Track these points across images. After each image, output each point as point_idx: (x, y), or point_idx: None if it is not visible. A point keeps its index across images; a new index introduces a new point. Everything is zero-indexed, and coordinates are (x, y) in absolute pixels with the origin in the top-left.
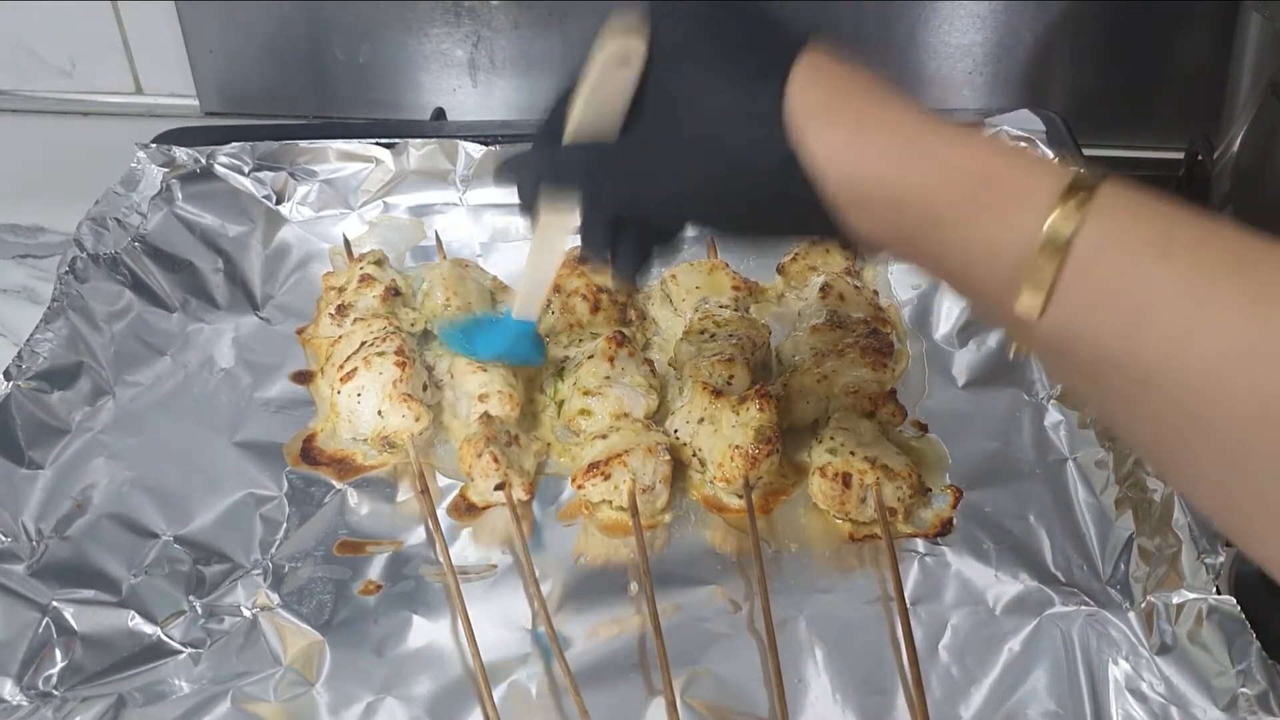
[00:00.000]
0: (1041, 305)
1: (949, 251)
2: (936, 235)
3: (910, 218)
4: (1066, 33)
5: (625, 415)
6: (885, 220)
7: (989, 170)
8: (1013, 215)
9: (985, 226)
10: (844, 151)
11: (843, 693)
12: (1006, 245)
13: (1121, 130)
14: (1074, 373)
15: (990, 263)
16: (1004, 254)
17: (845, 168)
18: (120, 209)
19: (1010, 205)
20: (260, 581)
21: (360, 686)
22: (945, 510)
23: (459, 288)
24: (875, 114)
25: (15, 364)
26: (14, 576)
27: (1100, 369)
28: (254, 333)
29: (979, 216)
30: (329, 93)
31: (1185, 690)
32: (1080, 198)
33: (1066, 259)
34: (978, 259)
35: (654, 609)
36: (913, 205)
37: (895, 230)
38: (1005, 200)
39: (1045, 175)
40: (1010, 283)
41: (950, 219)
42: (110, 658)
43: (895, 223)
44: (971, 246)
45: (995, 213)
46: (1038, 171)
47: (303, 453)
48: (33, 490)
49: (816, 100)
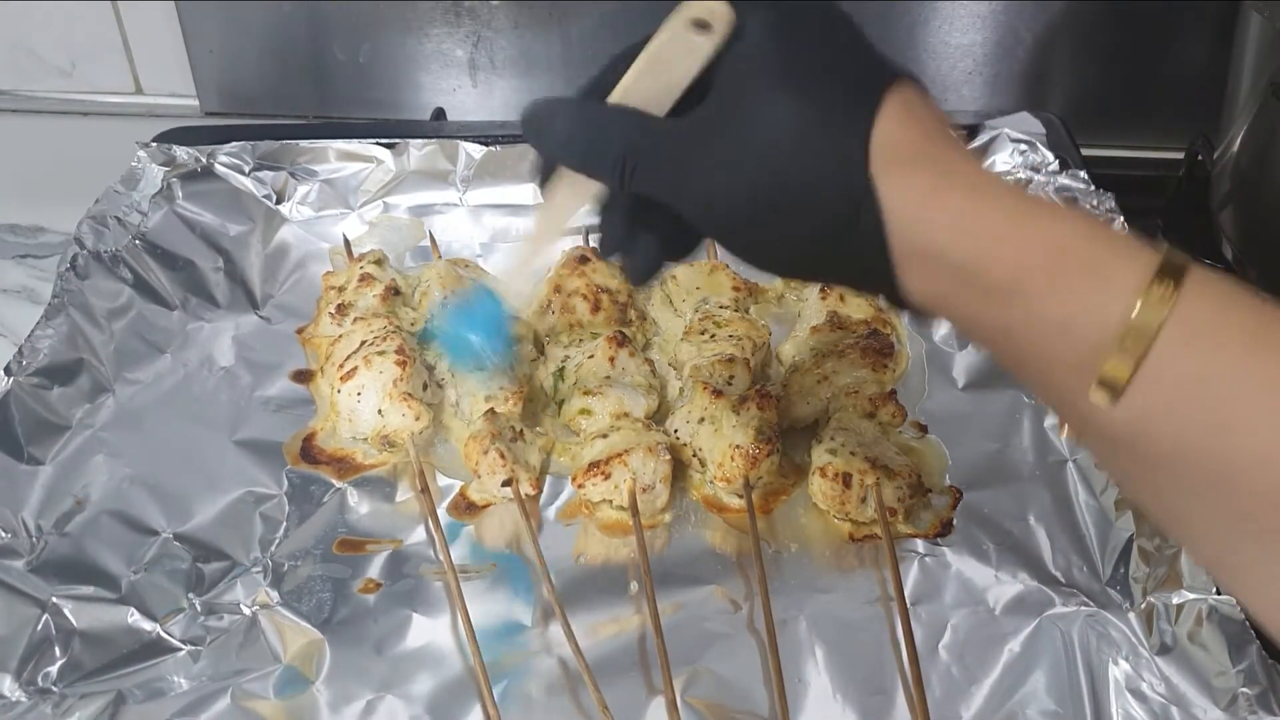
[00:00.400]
0: (1118, 395)
1: (1013, 327)
2: (1005, 307)
3: (980, 284)
4: (1066, 33)
5: (625, 415)
6: (951, 283)
7: (1071, 243)
8: (1094, 295)
9: (1061, 304)
10: (922, 201)
11: (843, 693)
12: (1083, 326)
13: (1121, 130)
14: (1140, 465)
15: (1062, 344)
16: (1079, 336)
17: (917, 217)
18: (121, 207)
19: (1092, 283)
20: (260, 579)
21: (360, 685)
22: (945, 511)
23: (456, 287)
24: (959, 168)
25: (16, 360)
26: (14, 573)
27: (1174, 465)
28: (254, 332)
29: (1056, 292)
30: (329, 93)
31: (1185, 690)
32: (1169, 283)
33: (1150, 348)
34: (1048, 338)
35: (654, 608)
36: (985, 270)
37: (959, 295)
38: (1087, 277)
39: (1132, 255)
40: (1080, 368)
41: (1023, 291)
42: (109, 654)
43: (962, 287)
44: (1043, 324)
45: (1074, 290)
46: (1124, 250)
47: (302, 451)
48: (33, 487)
49: (904, 140)
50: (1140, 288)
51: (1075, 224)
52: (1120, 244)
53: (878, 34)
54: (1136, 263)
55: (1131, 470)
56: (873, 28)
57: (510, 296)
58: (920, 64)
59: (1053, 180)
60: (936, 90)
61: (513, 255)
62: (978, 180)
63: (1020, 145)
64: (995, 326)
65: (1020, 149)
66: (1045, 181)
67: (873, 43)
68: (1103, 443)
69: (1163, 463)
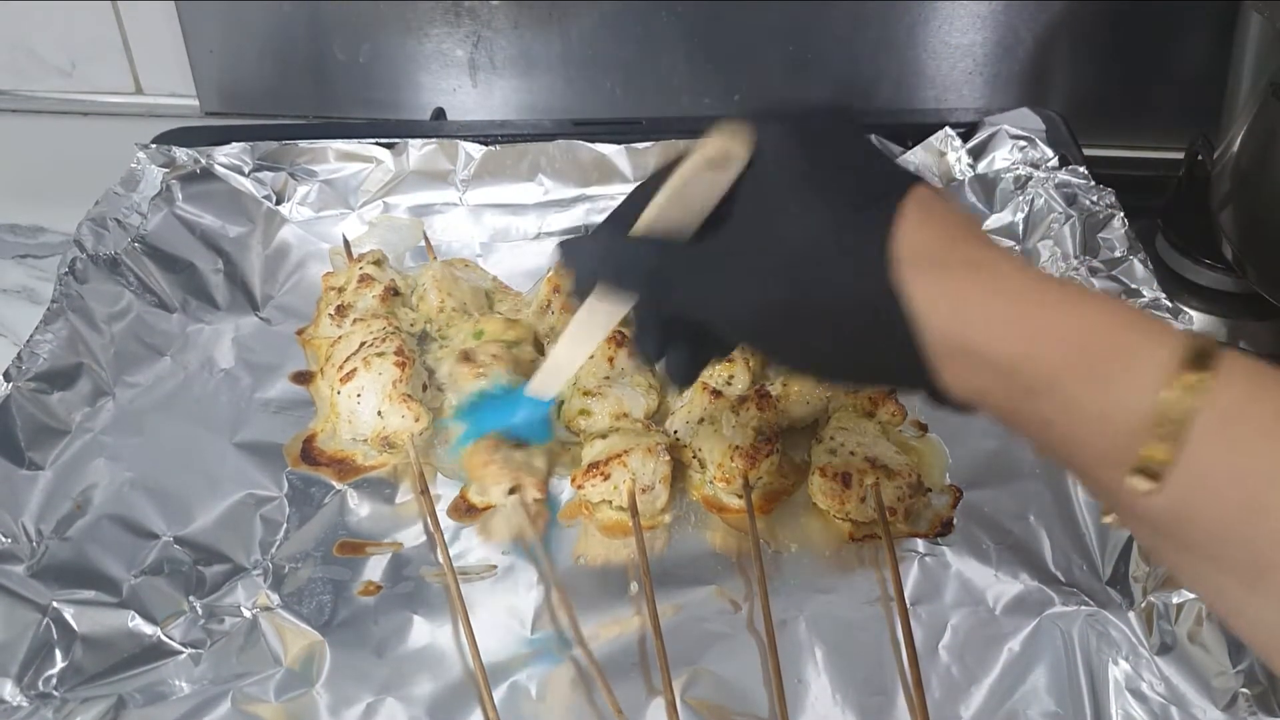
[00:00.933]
0: (1155, 482)
1: (1053, 419)
2: (1042, 401)
3: (1017, 380)
4: (1066, 33)
5: (625, 415)
6: (987, 380)
7: (1103, 335)
8: (1127, 385)
9: (1097, 395)
10: (952, 302)
11: (843, 693)
12: (1118, 416)
13: (1121, 130)
14: (1181, 549)
15: (1099, 434)
16: (1115, 425)
17: (951, 319)
18: (120, 209)
19: (1125, 374)
20: (260, 582)
21: (360, 687)
22: (945, 510)
23: (452, 289)
24: (986, 264)
25: (15, 365)
26: (14, 577)
27: (1213, 547)
28: (254, 333)
29: (1091, 384)
30: (329, 93)
31: (1185, 690)
32: (1201, 369)
33: (1184, 435)
34: (1085, 429)
35: (654, 609)
36: (1021, 368)
37: (997, 391)
38: (1120, 368)
39: (1161, 341)
40: (1119, 456)
41: (1060, 385)
42: (110, 658)
43: (999, 384)
44: (1080, 415)
45: (1108, 381)
46: (1153, 337)
47: (303, 453)
48: (33, 491)
49: (925, 242)
50: (1171, 375)
51: (1104, 313)
52: (1150, 330)
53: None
54: (1166, 350)
55: (1174, 554)
56: (873, 28)
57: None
58: (920, 64)
59: (1052, 176)
60: (937, 90)
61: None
62: (1006, 275)
63: (1019, 142)
64: (1035, 420)
65: (1019, 145)
66: (1045, 177)
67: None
68: (1145, 528)
69: (1202, 546)
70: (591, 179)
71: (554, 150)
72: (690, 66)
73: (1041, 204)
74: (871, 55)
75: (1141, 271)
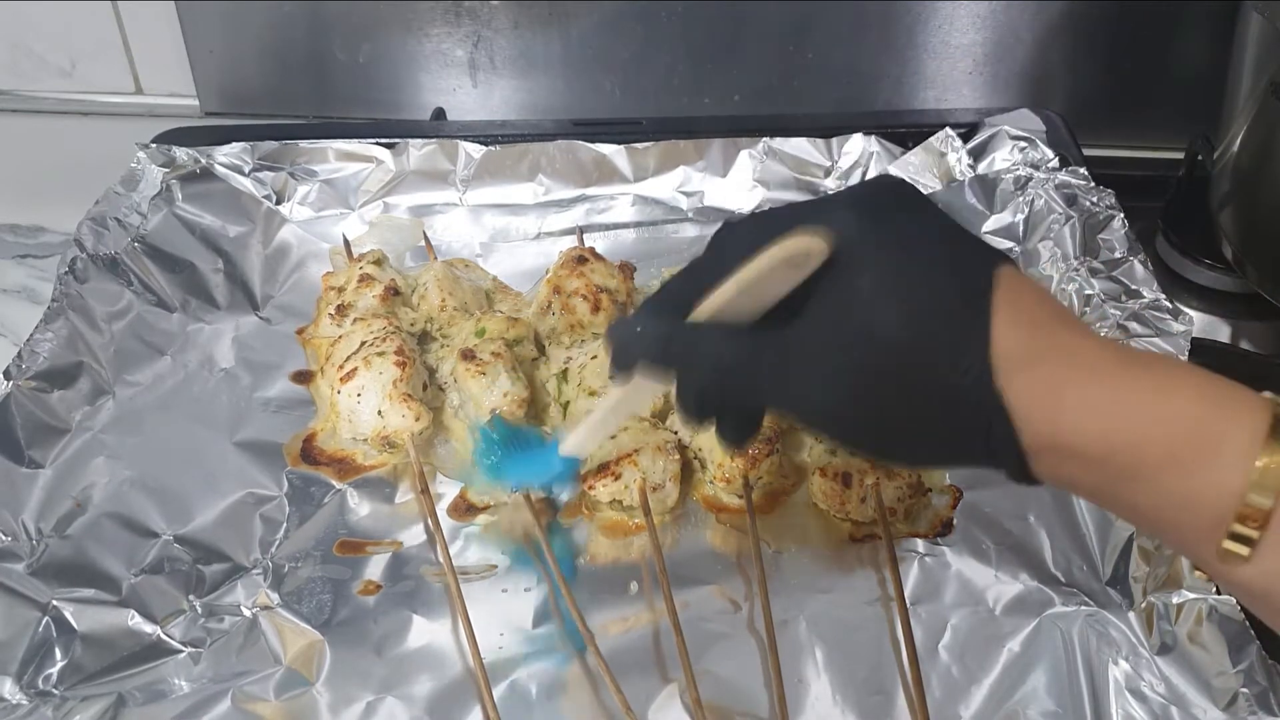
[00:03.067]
0: (1248, 553)
1: (1142, 503)
2: (1132, 488)
3: (1107, 470)
4: (1066, 33)
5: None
6: (1078, 469)
7: (1189, 423)
8: (1211, 467)
9: (1183, 482)
10: (1048, 401)
11: (843, 693)
12: (1205, 499)
13: (1121, 130)
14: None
15: (1187, 516)
16: (1202, 508)
17: (1047, 416)
18: (120, 209)
19: (1214, 456)
20: (260, 581)
21: (360, 686)
22: (945, 510)
23: (453, 288)
24: (1076, 352)
25: (15, 364)
26: (14, 576)
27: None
28: (254, 333)
29: (1177, 472)
30: (329, 93)
31: (1185, 690)
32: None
33: (1272, 514)
34: (1174, 511)
35: (671, 604)
36: (1112, 459)
37: (1088, 479)
38: (1209, 451)
39: (1245, 417)
40: (1211, 534)
41: (1147, 473)
42: (110, 657)
43: (1090, 473)
44: (1167, 499)
45: (1193, 465)
46: (1237, 413)
47: (303, 452)
48: (33, 490)
49: (1020, 341)
50: (1254, 452)
51: (1189, 394)
52: (1233, 406)
53: (878, 34)
54: (1249, 428)
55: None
56: (873, 28)
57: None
58: (920, 64)
59: (1052, 177)
60: (937, 90)
61: (584, 425)
62: (1096, 363)
63: (1020, 142)
64: (1124, 503)
65: (1019, 146)
66: (1045, 178)
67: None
68: (1248, 597)
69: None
70: (591, 179)
71: (554, 150)
72: (690, 66)
73: (1042, 205)
74: (871, 55)
75: (1141, 272)
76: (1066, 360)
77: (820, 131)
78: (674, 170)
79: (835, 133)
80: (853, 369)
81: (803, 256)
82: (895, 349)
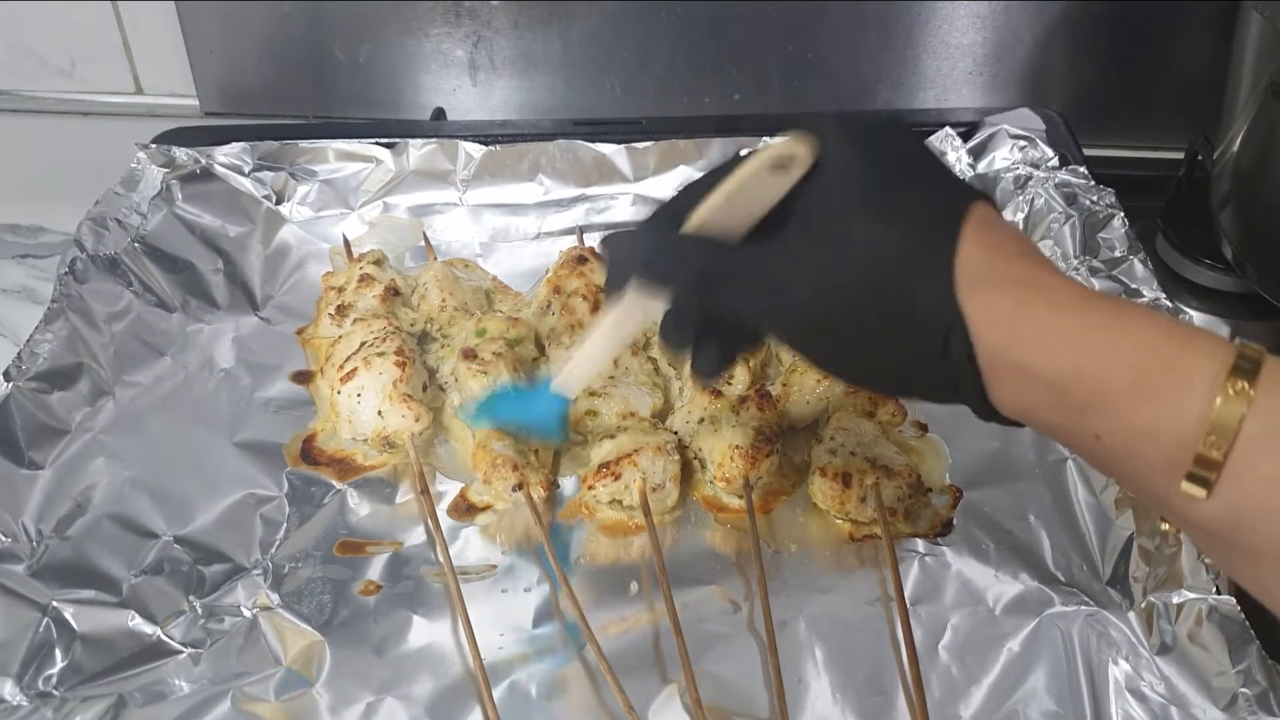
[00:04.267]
0: (1207, 490)
1: (1103, 433)
2: (1093, 416)
3: (1067, 397)
4: (1066, 33)
5: (632, 414)
6: (1038, 396)
7: (1152, 350)
8: (1175, 397)
9: (1146, 408)
10: (1008, 319)
11: (843, 693)
12: (1168, 428)
13: (1121, 130)
14: (1239, 555)
15: (1150, 446)
16: (1165, 437)
17: (1006, 336)
18: (120, 209)
19: (1172, 386)
20: (260, 582)
21: (360, 686)
22: (945, 510)
23: (454, 288)
24: (1042, 284)
25: (15, 364)
26: (14, 577)
27: (1271, 555)
28: (254, 333)
29: (1140, 398)
30: (329, 93)
31: (1185, 690)
32: (1245, 379)
33: (1234, 444)
34: (1136, 442)
35: (671, 605)
36: (1072, 384)
37: (1048, 407)
38: (1168, 381)
39: (1208, 353)
40: (1172, 467)
41: (1109, 400)
42: (110, 658)
43: (1050, 400)
44: (1130, 428)
45: (1157, 394)
46: (1200, 349)
47: (303, 453)
48: (33, 490)
49: (985, 262)
50: (1217, 386)
51: (1154, 329)
52: (1197, 342)
53: (878, 34)
54: (1213, 361)
55: (1232, 560)
56: (873, 28)
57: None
58: (920, 64)
59: (1052, 176)
60: (937, 90)
61: (575, 357)
62: (1059, 293)
63: (1019, 141)
64: (1085, 434)
65: (1019, 145)
66: (1045, 177)
67: (946, 163)
68: (1202, 535)
69: (1260, 553)
70: (592, 179)
71: (554, 150)
72: (690, 66)
73: (1041, 204)
74: (871, 55)
75: (1141, 271)
76: (1030, 288)
77: None
78: (674, 170)
79: None
80: (829, 280)
81: (788, 158)
82: (870, 260)
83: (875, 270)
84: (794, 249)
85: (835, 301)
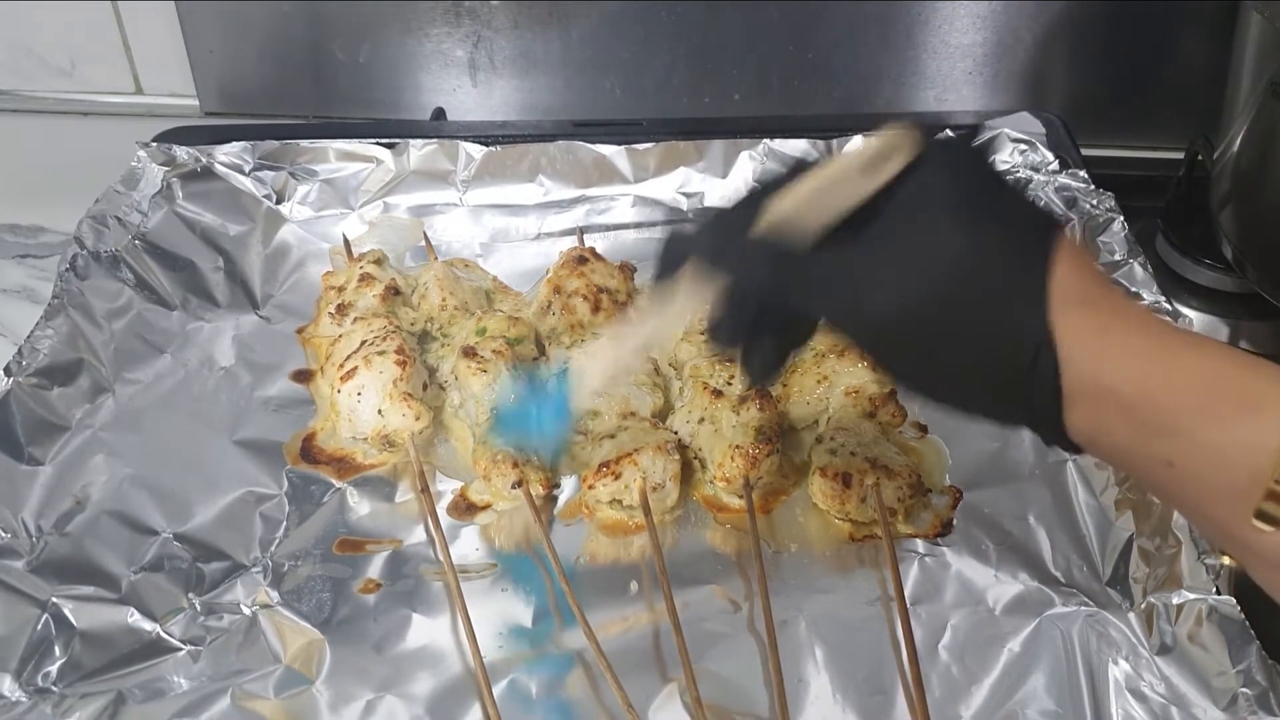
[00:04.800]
0: (1275, 525)
1: (1176, 458)
2: (1166, 439)
3: (1143, 418)
4: (1066, 33)
5: (632, 414)
6: (1113, 418)
7: (1230, 379)
8: (1250, 425)
9: (1219, 435)
10: (1094, 341)
11: (843, 693)
12: (1241, 457)
13: (1121, 130)
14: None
15: (1220, 474)
16: (1237, 466)
17: (1091, 358)
18: (121, 207)
19: (1247, 415)
20: (260, 579)
21: (360, 684)
22: (945, 511)
23: (454, 288)
24: (1123, 309)
25: (15, 360)
26: (14, 573)
27: None
28: (254, 332)
29: (1214, 424)
30: (329, 93)
31: (1185, 690)
32: None
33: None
34: (1207, 469)
35: (671, 604)
36: (1149, 404)
37: (1123, 430)
38: (1243, 409)
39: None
40: (1242, 496)
41: (1184, 423)
42: (109, 654)
43: (1125, 422)
44: (1202, 455)
45: (1231, 421)
46: (1271, 377)
47: (302, 451)
48: (33, 487)
49: (1075, 285)
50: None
51: (1232, 361)
52: (1272, 372)
53: (878, 34)
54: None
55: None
56: (873, 28)
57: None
58: (920, 64)
59: (1052, 180)
60: (937, 90)
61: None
62: (1140, 320)
63: (1020, 145)
64: (1156, 459)
65: (1020, 148)
66: (1045, 181)
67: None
68: (1267, 568)
69: None
70: (592, 180)
71: (554, 151)
72: (690, 66)
73: (1042, 207)
74: (871, 55)
75: (1141, 274)
76: (1118, 314)
77: (820, 132)
78: (674, 171)
79: (835, 133)
80: (915, 281)
81: (881, 161)
82: (965, 270)
83: (972, 279)
84: (882, 252)
85: (925, 307)
